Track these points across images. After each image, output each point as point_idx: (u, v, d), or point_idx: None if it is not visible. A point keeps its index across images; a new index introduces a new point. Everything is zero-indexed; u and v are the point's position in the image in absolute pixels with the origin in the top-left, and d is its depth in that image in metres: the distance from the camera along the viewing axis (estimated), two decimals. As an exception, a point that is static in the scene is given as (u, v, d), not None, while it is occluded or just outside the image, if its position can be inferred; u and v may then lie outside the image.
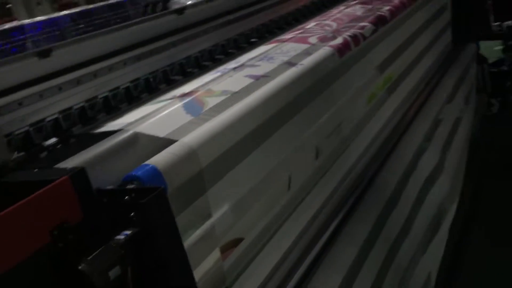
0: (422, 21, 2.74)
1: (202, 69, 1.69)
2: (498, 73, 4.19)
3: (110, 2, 3.47)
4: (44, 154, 1.11)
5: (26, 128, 1.14)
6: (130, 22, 1.64)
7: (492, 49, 5.53)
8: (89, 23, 3.13)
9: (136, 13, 3.26)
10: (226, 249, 1.17)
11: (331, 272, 1.45)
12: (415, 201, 2.04)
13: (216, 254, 1.13)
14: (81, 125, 1.27)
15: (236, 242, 1.21)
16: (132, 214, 0.89)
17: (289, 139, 1.43)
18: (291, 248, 1.45)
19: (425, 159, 2.24)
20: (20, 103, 1.12)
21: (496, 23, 4.48)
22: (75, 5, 7.60)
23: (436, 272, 2.14)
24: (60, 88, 1.21)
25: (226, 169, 1.16)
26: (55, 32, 3.01)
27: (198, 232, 1.06)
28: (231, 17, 1.97)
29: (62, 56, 1.28)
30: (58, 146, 1.15)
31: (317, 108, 1.60)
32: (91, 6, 3.52)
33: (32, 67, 1.18)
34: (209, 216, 1.11)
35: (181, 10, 1.69)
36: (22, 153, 1.10)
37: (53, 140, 1.20)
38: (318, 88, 1.61)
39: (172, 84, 1.56)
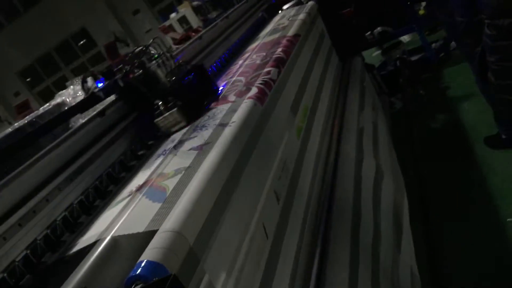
0: (311, 51, 2.96)
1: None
2: (387, 74, 4.58)
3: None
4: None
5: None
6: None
7: (371, 55, 6.06)
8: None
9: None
10: (237, 314, 1.17)
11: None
12: (373, 208, 2.15)
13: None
14: (50, 253, 1.23)
15: (243, 304, 1.22)
16: (147, 314, 0.89)
17: (250, 191, 1.48)
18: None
19: (365, 168, 2.37)
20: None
21: (367, 33, 4.93)
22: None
23: (415, 265, 2.24)
24: (19, 224, 1.18)
25: (211, 238, 1.18)
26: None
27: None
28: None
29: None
30: (40, 280, 1.11)
31: (261, 156, 1.67)
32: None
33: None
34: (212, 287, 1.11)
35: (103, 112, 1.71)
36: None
37: (27, 277, 1.16)
38: (255, 139, 1.69)
39: (118, 183, 1.57)
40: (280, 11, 4.02)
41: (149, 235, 1.07)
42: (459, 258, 2.45)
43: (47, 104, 4.13)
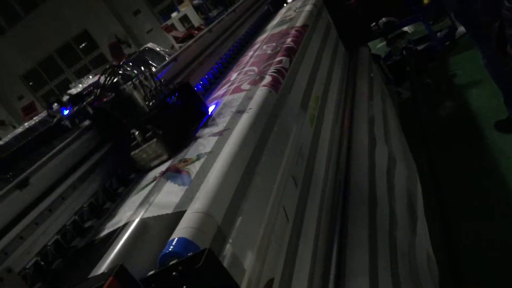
0: (319, 41, 2.98)
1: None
2: (393, 64, 4.59)
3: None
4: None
5: (34, 258, 1.11)
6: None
7: (375, 47, 6.06)
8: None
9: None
10: (265, 292, 1.20)
11: (358, 276, 1.50)
12: (388, 194, 2.16)
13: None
14: (79, 238, 1.26)
15: (270, 283, 1.24)
16: (184, 287, 0.91)
17: (270, 175, 1.50)
18: (312, 271, 1.49)
19: (378, 155, 2.39)
20: (21, 237, 1.09)
21: (373, 24, 4.94)
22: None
23: (431, 248, 2.26)
24: (50, 209, 1.20)
25: (235, 218, 1.20)
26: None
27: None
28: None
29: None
30: (71, 262, 1.13)
31: (277, 142, 1.69)
32: None
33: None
34: (240, 265, 1.13)
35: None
36: (39, 284, 1.08)
37: (59, 261, 1.18)
38: (271, 125, 1.71)
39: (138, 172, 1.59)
40: (285, 4, 4.04)
41: (177, 216, 1.10)
42: (474, 243, 2.47)
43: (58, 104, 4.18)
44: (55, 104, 2.10)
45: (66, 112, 1.77)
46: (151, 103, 1.60)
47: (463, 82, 4.23)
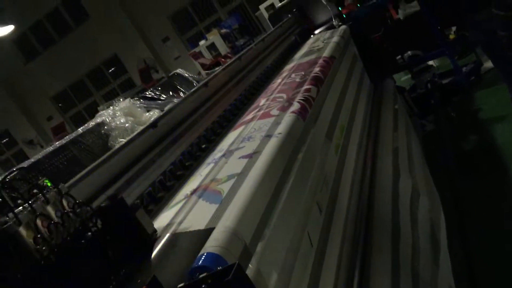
0: (346, 72, 3.04)
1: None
2: (418, 96, 4.62)
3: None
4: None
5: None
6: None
7: (400, 79, 6.10)
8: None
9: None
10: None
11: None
12: (411, 223, 2.17)
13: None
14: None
15: (294, 306, 1.27)
16: (213, 301, 0.94)
17: (295, 199, 1.54)
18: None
19: (401, 186, 2.40)
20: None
21: (398, 57, 5.00)
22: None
23: (453, 281, 2.25)
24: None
25: (262, 237, 1.24)
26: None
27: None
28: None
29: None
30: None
31: (303, 168, 1.73)
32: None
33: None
34: (264, 283, 1.16)
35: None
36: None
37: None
38: (298, 150, 1.76)
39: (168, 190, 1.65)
40: (312, 35, 4.13)
41: (207, 232, 1.14)
42: (497, 274, 2.44)
43: (86, 124, 4.31)
44: None
45: None
46: (50, 248, 0.96)
47: (488, 116, 4.23)
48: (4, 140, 17.45)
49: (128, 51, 15.56)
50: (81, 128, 4.11)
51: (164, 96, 4.75)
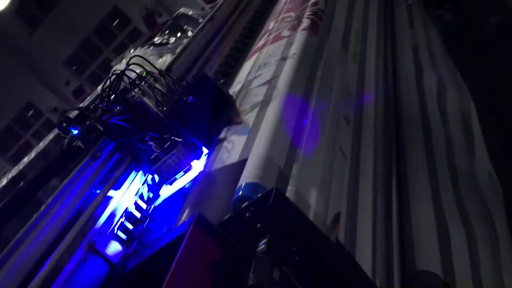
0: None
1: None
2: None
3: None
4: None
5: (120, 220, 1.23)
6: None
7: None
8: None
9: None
10: (334, 225, 1.26)
11: (421, 200, 1.55)
12: (441, 117, 2.16)
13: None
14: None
15: (337, 216, 1.31)
16: (258, 225, 0.99)
17: (321, 116, 1.54)
18: (375, 201, 1.54)
19: (426, 82, 2.37)
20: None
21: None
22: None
23: (492, 168, 2.25)
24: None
25: (295, 158, 1.26)
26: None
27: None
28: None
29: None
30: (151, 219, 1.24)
31: (324, 83, 1.71)
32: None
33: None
34: (305, 201, 1.20)
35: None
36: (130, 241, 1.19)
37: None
38: (316, 67, 1.73)
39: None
40: None
41: (241, 164, 1.17)
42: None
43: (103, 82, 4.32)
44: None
45: (75, 132, 1.51)
46: (165, 108, 1.42)
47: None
48: (30, 113, 17.75)
49: (127, 0, 15.25)
50: (99, 87, 4.12)
51: (173, 38, 4.69)
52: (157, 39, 5.00)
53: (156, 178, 1.43)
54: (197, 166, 1.32)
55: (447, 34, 3.71)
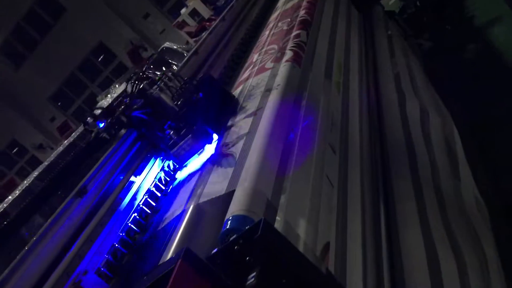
0: (332, 9, 2.98)
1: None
2: (409, 17, 4.52)
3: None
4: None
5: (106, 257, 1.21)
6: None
7: (389, 4, 5.95)
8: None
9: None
10: (324, 255, 1.26)
11: (409, 227, 1.55)
12: (425, 142, 2.19)
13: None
14: (141, 234, 1.35)
15: (327, 246, 1.30)
16: (247, 258, 0.98)
17: (308, 146, 1.55)
18: (364, 229, 1.54)
19: (409, 108, 2.40)
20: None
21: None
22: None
23: (477, 191, 2.27)
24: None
25: (283, 189, 1.26)
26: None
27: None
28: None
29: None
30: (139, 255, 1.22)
31: (309, 113, 1.73)
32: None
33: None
34: (293, 232, 1.19)
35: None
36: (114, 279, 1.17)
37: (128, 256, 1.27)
38: (300, 97, 1.75)
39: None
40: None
41: (229, 196, 1.16)
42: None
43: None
44: (90, 119, 2.06)
45: (101, 125, 1.90)
46: (179, 102, 1.71)
47: (483, 21, 4.13)
48: (14, 150, 17.56)
49: (112, 36, 15.37)
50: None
51: (158, 72, 4.71)
52: (141, 73, 5.02)
53: (171, 165, 1.69)
54: (209, 149, 1.56)
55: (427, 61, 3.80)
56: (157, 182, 1.59)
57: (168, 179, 1.65)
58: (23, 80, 16.25)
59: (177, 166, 1.67)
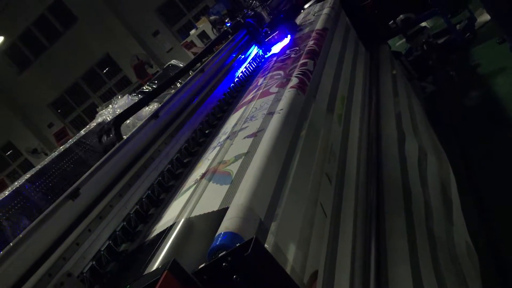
0: (340, 43, 3.02)
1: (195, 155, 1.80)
2: (415, 59, 4.59)
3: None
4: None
5: (90, 263, 1.18)
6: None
7: (395, 45, 6.05)
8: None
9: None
10: (311, 283, 1.24)
11: (399, 265, 1.53)
12: (421, 184, 2.18)
13: (307, 289, 1.19)
14: (130, 243, 1.32)
15: (315, 274, 1.28)
16: (234, 276, 0.96)
17: (304, 172, 1.55)
18: (353, 262, 1.52)
19: (408, 148, 2.40)
20: (77, 243, 1.17)
21: (390, 22, 4.95)
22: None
23: (469, 238, 2.26)
24: (100, 217, 1.27)
25: (276, 212, 1.25)
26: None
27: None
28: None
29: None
30: (125, 265, 1.20)
31: (309, 141, 1.73)
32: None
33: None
34: (283, 256, 1.18)
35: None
36: (97, 286, 1.15)
37: (113, 264, 1.25)
38: (301, 124, 1.76)
39: (177, 179, 1.66)
40: (302, 10, 4.10)
41: (222, 212, 1.15)
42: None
43: (88, 125, 4.31)
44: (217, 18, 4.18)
45: (228, 24, 3.67)
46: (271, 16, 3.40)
47: (487, 71, 4.20)
48: (8, 152, 17.49)
49: (120, 49, 15.51)
50: (83, 130, 4.11)
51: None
52: (145, 88, 5.04)
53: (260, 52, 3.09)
54: (286, 39, 2.93)
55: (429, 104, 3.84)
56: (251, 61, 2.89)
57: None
58: (26, 84, 16.31)
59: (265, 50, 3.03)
